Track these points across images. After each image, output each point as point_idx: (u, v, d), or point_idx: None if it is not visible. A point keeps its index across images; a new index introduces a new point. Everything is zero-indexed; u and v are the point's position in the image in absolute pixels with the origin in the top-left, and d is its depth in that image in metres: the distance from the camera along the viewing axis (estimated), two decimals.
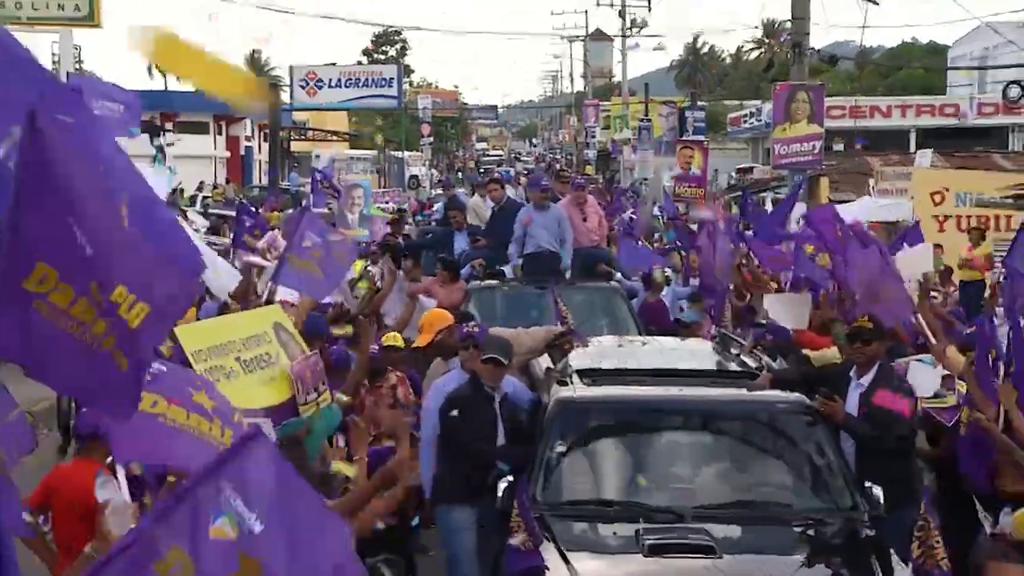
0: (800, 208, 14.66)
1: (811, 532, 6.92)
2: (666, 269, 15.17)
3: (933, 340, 8.49)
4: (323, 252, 8.79)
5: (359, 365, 7.70)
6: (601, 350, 9.28)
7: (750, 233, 13.97)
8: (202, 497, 3.15)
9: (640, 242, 17.20)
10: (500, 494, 6.90)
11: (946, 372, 8.08)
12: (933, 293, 10.10)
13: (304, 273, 8.63)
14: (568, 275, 12.87)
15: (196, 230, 13.28)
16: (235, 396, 5.78)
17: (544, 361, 8.97)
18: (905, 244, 11.22)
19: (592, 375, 8.13)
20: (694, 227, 15.57)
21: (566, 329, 9.05)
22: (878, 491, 7.15)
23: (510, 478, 7.11)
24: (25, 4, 27.99)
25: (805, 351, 9.61)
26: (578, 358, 8.60)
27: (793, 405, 7.72)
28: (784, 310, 10.10)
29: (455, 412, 7.53)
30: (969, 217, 18.71)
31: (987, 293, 13.73)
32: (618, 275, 13.64)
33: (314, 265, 8.70)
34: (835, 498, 7.22)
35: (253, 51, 66.72)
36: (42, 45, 36.11)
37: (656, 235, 20.61)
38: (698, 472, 7.34)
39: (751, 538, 6.80)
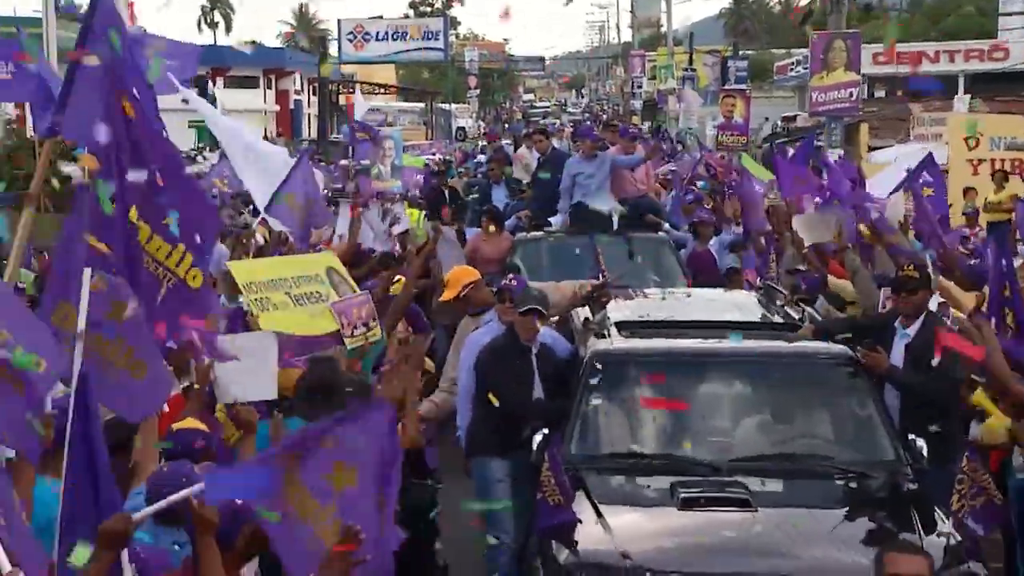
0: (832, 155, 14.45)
1: (850, 485, 6.72)
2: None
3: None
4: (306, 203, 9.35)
5: (395, 307, 8.09)
6: (642, 302, 9.07)
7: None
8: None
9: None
10: (535, 448, 6.75)
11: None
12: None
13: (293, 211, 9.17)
14: (615, 226, 12.49)
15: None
16: (281, 323, 6.63)
17: (585, 313, 8.80)
18: (925, 174, 11.11)
19: (630, 327, 7.93)
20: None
21: (603, 282, 8.82)
22: (922, 443, 6.93)
23: (545, 431, 6.96)
24: None
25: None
26: (618, 310, 8.39)
27: (835, 357, 7.48)
28: (810, 227, 10.19)
29: (490, 364, 7.36)
30: (1003, 160, 18.48)
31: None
32: (666, 225, 13.32)
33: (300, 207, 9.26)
34: (877, 451, 7.00)
35: (301, 5, 66.56)
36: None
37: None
38: (736, 425, 7.13)
39: (788, 491, 6.61)
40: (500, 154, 18.57)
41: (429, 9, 68.46)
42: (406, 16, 62.02)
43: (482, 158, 29.92)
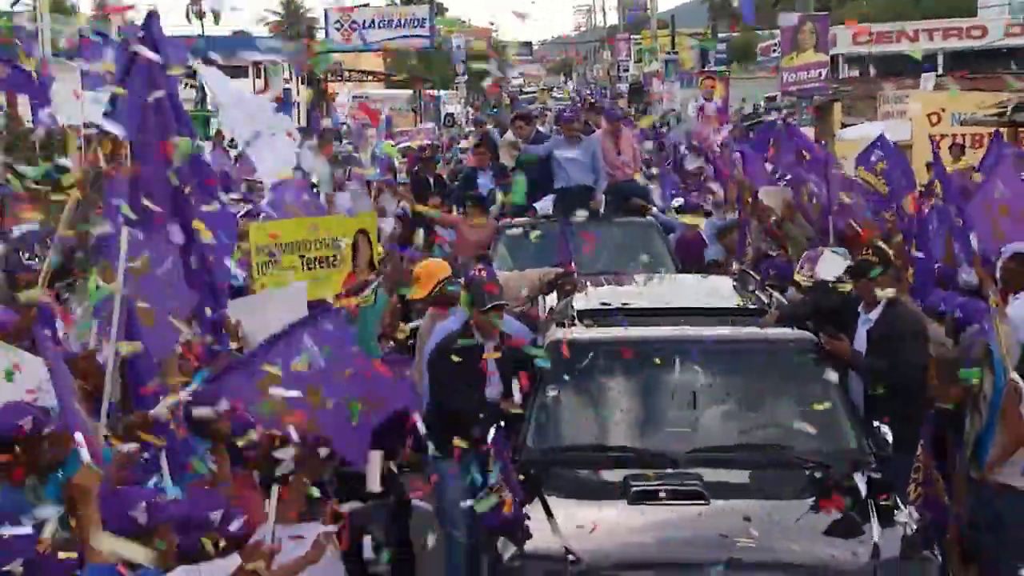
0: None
1: (810, 475, 6.49)
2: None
3: None
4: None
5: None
6: (611, 289, 8.85)
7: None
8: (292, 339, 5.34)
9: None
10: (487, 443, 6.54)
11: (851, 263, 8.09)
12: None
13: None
14: (602, 210, 12.19)
15: None
16: (278, 282, 7.66)
17: (551, 302, 8.59)
18: (876, 150, 11.08)
19: (594, 315, 7.70)
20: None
21: (565, 270, 8.60)
22: (885, 431, 6.74)
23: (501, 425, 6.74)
24: None
25: None
26: (585, 298, 8.18)
27: (798, 343, 7.27)
28: (773, 198, 10.67)
29: (438, 364, 7.14)
30: (964, 135, 18.55)
31: None
32: (654, 209, 13.04)
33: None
34: (839, 439, 6.79)
35: None
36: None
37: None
38: (696, 415, 6.88)
39: (744, 482, 6.38)
40: (486, 140, 18.29)
41: None
42: (392, 3, 61.59)
43: (463, 144, 29.63)
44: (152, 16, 6.13)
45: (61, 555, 4.14)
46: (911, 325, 7.52)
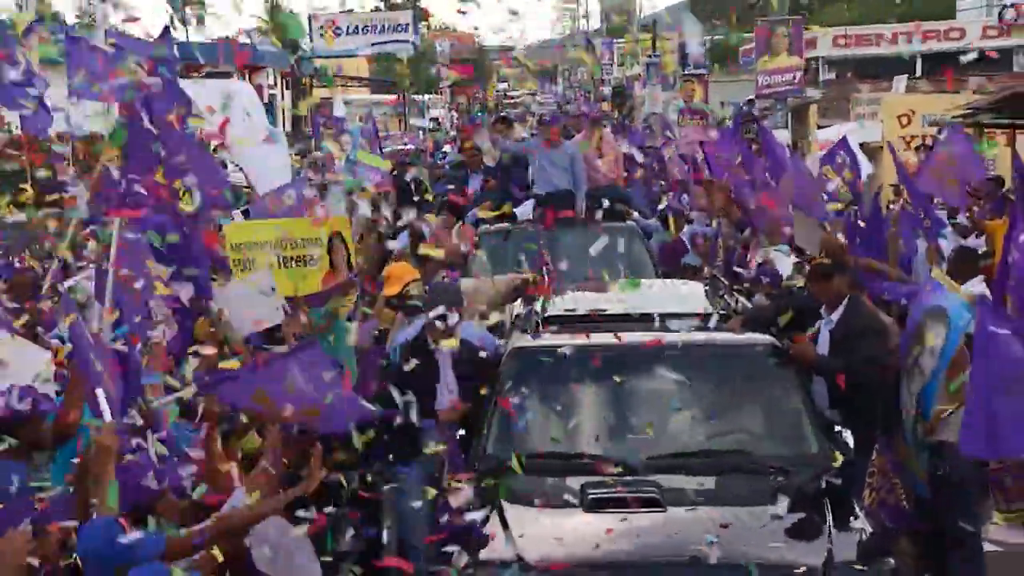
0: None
1: (769, 480, 6.40)
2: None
3: None
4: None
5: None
6: (581, 295, 8.78)
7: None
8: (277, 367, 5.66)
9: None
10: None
11: (798, 260, 8.31)
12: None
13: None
14: (582, 215, 11.96)
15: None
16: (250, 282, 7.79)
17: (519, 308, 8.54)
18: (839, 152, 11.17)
19: (559, 321, 7.66)
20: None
21: (530, 277, 8.54)
22: (847, 436, 6.71)
23: (461, 432, 6.71)
24: None
25: None
26: (553, 304, 8.11)
27: (761, 347, 7.23)
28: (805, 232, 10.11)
29: (391, 369, 7.09)
30: (931, 137, 18.65)
31: None
32: (635, 214, 12.81)
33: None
34: (801, 444, 6.73)
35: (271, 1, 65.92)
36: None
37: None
38: (657, 421, 6.81)
39: (702, 489, 6.29)
40: (474, 143, 18.09)
41: (399, 1, 68.07)
42: (376, 9, 61.61)
43: (447, 148, 29.55)
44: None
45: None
46: (871, 323, 7.51)
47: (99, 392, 4.81)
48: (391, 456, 6.76)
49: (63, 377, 5.95)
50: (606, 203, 11.49)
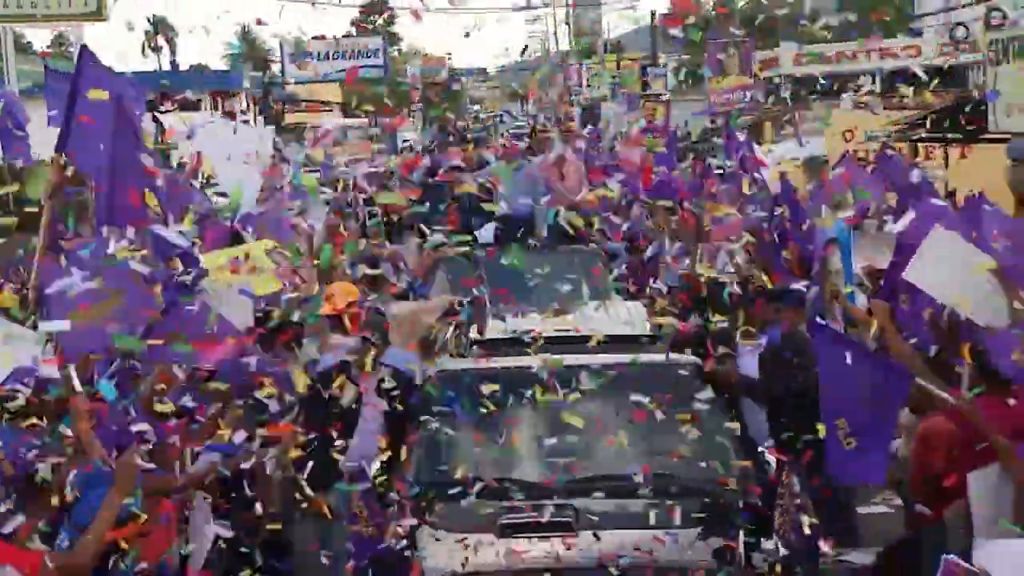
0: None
1: (687, 503, 6.30)
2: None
3: None
4: None
5: None
6: (519, 319, 8.73)
7: None
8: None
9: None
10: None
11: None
12: None
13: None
14: (544, 237, 11.64)
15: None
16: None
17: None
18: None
19: (489, 344, 7.59)
20: None
21: (456, 300, 8.46)
22: (771, 458, 6.63)
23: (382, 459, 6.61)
24: (39, 2, 28.52)
25: None
26: (489, 328, 8.05)
27: (686, 368, 7.16)
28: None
29: (310, 398, 7.00)
30: (868, 151, 18.88)
31: None
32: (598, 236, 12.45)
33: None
34: (723, 466, 6.62)
35: (243, 27, 65.85)
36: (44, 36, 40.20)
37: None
38: (577, 444, 6.69)
39: (617, 512, 6.20)
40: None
41: (370, 27, 68.18)
42: (348, 35, 61.71)
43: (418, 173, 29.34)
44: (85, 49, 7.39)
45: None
46: (807, 348, 7.44)
47: (70, 368, 5.58)
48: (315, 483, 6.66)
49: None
50: (567, 226, 11.35)
